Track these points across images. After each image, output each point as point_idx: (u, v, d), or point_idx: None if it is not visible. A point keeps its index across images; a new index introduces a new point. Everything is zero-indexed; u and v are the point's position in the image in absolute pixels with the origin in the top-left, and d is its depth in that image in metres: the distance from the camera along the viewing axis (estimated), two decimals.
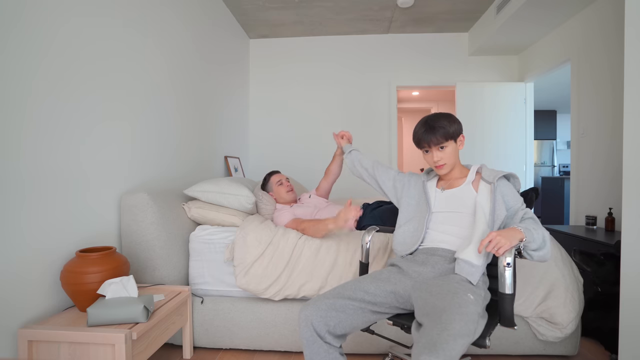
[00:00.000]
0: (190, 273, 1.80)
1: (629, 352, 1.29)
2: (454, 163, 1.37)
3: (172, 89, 2.33)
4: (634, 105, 1.29)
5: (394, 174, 1.57)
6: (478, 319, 1.00)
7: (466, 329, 0.92)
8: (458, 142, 1.36)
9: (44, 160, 1.34)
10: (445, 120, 1.32)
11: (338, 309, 1.11)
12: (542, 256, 1.12)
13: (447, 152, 1.33)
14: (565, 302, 1.55)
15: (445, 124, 1.31)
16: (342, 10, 3.44)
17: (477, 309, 1.01)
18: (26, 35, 1.27)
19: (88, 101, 1.56)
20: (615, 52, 2.60)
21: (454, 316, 0.94)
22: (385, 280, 1.22)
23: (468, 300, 1.01)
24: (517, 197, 1.27)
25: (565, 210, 4.98)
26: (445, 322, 0.93)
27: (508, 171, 1.31)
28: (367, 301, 1.16)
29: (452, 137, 1.33)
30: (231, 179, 2.01)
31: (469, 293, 1.06)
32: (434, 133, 1.31)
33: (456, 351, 0.87)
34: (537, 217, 1.40)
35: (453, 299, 1.01)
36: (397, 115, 4.12)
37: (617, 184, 2.59)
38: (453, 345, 0.88)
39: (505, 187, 1.27)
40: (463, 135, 1.37)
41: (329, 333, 1.09)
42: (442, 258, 1.27)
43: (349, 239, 1.74)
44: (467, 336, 0.91)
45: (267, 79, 4.14)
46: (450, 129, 1.31)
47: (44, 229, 1.34)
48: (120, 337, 1.16)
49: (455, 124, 1.34)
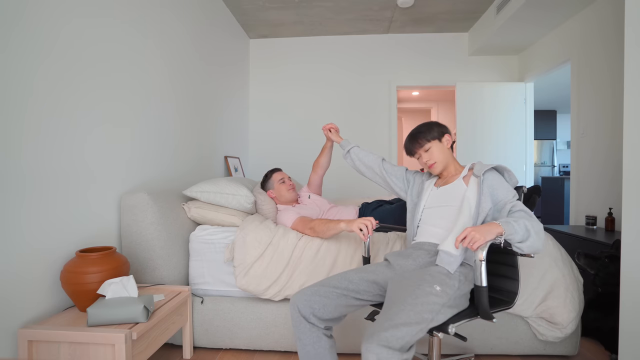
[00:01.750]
0: (190, 273, 1.80)
1: (629, 352, 1.29)
2: (446, 161, 1.45)
3: (172, 89, 2.33)
4: (634, 105, 1.29)
5: (403, 172, 1.64)
6: (440, 309, 1.08)
7: (415, 318, 1.00)
8: (444, 141, 1.45)
9: (44, 160, 1.34)
10: (424, 127, 1.47)
11: (322, 294, 1.22)
12: (531, 246, 1.11)
13: (433, 152, 1.43)
14: (565, 302, 1.55)
15: (424, 129, 1.46)
16: (342, 10, 3.44)
17: (440, 299, 1.09)
18: (27, 35, 1.27)
19: (88, 101, 1.56)
20: (615, 52, 2.60)
21: (404, 307, 1.03)
22: (371, 271, 1.31)
23: (431, 292, 1.09)
24: (507, 190, 1.28)
25: (565, 210, 4.98)
26: (393, 313, 1.01)
27: (498, 164, 1.33)
28: (351, 289, 1.25)
29: (434, 138, 1.44)
30: (230, 179, 2.01)
31: (436, 285, 1.12)
32: (415, 139, 1.46)
33: (396, 337, 0.95)
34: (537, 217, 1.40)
35: (414, 291, 1.09)
36: (397, 115, 4.12)
37: (617, 184, 2.59)
38: (393, 332, 0.95)
39: (495, 180, 1.31)
40: (449, 135, 1.47)
41: (314, 315, 1.19)
42: (425, 252, 1.34)
43: (349, 239, 1.74)
44: (415, 324, 0.99)
45: (267, 79, 4.14)
46: (429, 133, 1.44)
47: (44, 228, 1.34)
48: (120, 337, 1.16)
49: (434, 128, 1.46)
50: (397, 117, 4.12)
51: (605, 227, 2.58)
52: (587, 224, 2.75)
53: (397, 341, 0.94)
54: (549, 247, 1.64)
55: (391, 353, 0.93)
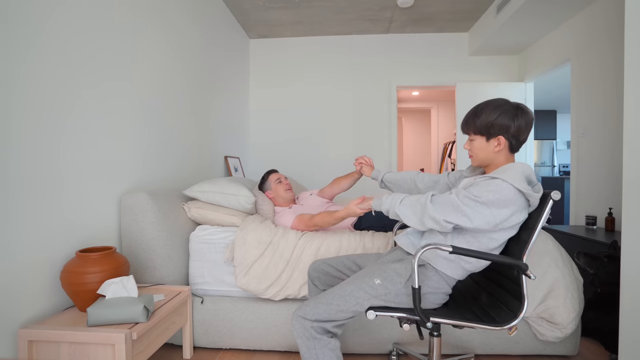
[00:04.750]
0: (190, 273, 1.80)
1: (629, 352, 1.29)
2: (485, 161, 1.26)
3: (172, 88, 2.33)
4: (634, 105, 1.29)
5: (444, 179, 1.51)
6: (370, 298, 1.18)
7: (337, 301, 1.17)
8: (492, 142, 1.22)
9: (45, 159, 1.34)
10: (489, 109, 1.21)
11: (324, 269, 1.50)
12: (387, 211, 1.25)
13: (475, 145, 1.26)
14: (565, 302, 1.55)
15: (473, 117, 1.24)
16: (342, 10, 3.44)
17: (373, 291, 1.19)
18: (27, 35, 1.27)
19: (88, 101, 1.56)
20: (615, 52, 2.60)
21: (337, 290, 1.20)
22: (361, 255, 1.50)
23: (368, 283, 1.20)
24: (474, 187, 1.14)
25: (565, 210, 4.98)
26: (326, 293, 1.21)
27: (499, 177, 1.12)
28: (342, 266, 1.48)
29: (480, 133, 1.23)
30: (230, 179, 2.01)
31: (377, 279, 1.20)
32: (465, 122, 1.29)
33: (313, 311, 1.16)
34: None
35: (355, 280, 1.22)
36: (397, 115, 4.12)
37: (617, 184, 2.59)
38: (312, 307, 1.17)
39: (472, 185, 1.16)
40: (503, 139, 1.20)
41: (317, 279, 1.51)
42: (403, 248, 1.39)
43: (349, 238, 1.74)
44: (334, 305, 1.16)
45: (267, 78, 4.14)
46: (479, 122, 1.22)
47: (44, 228, 1.34)
48: (120, 337, 1.16)
49: (495, 116, 1.19)
50: (397, 117, 4.12)
51: (605, 227, 2.58)
52: (587, 224, 2.75)
53: (313, 315, 1.16)
54: (549, 247, 1.64)
55: (303, 321, 1.15)
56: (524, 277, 1.11)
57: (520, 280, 1.12)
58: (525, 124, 1.21)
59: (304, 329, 1.16)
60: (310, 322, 1.16)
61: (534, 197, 1.11)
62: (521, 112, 1.21)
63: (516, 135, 1.21)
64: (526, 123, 1.21)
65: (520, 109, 1.21)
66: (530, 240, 1.12)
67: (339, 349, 1.19)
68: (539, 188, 1.16)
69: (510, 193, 1.10)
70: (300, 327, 1.16)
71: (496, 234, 1.16)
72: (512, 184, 1.10)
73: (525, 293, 1.11)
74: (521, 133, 1.21)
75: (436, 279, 1.22)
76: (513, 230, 1.18)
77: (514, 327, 1.12)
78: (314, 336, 1.15)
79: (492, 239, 1.17)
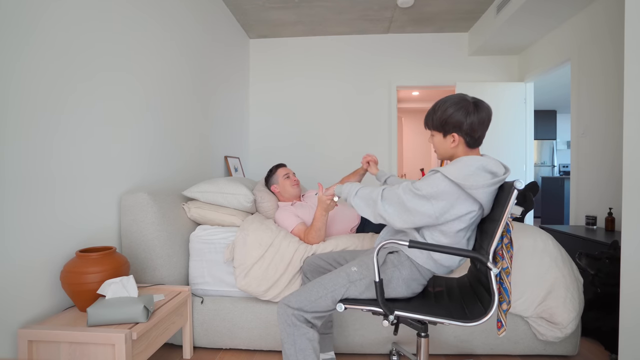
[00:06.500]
0: (190, 273, 1.80)
1: (629, 352, 1.29)
2: (445, 156, 1.29)
3: (172, 89, 2.33)
4: (634, 105, 1.29)
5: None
6: (346, 284, 1.23)
7: (317, 290, 1.22)
8: (448, 138, 1.23)
9: (44, 159, 1.34)
10: (445, 106, 1.22)
11: (316, 263, 1.59)
12: (346, 199, 1.33)
13: (435, 141, 1.29)
14: (565, 302, 1.55)
15: (441, 110, 1.23)
16: (342, 10, 3.44)
17: (350, 277, 1.24)
18: (26, 35, 1.27)
19: (88, 101, 1.56)
20: (615, 52, 2.60)
21: (319, 282, 1.25)
22: (352, 252, 1.55)
23: (346, 271, 1.26)
24: (421, 182, 1.18)
25: (565, 210, 4.98)
26: (309, 285, 1.25)
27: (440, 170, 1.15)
28: (333, 260, 1.54)
29: (437, 129, 1.25)
30: (229, 179, 2.01)
31: (354, 267, 1.26)
32: (426, 117, 1.32)
33: (296, 299, 1.21)
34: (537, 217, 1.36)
35: (335, 270, 1.29)
36: (397, 115, 4.12)
37: (617, 184, 2.59)
38: (297, 294, 1.23)
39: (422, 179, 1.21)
40: (457, 136, 1.21)
41: (309, 272, 1.60)
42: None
43: (349, 241, 1.74)
44: (314, 293, 1.22)
45: (267, 79, 4.14)
46: (435, 118, 1.24)
47: (44, 228, 1.34)
48: (120, 337, 1.16)
49: (449, 114, 1.20)
50: (397, 117, 4.12)
51: (605, 227, 2.58)
52: (587, 224, 2.75)
53: (295, 302, 1.20)
54: (549, 247, 1.64)
55: (285, 308, 1.20)
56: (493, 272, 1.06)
57: (489, 274, 1.07)
58: (479, 121, 1.19)
59: (286, 315, 1.20)
60: (292, 310, 1.20)
61: (469, 187, 1.10)
62: (476, 109, 1.19)
63: (469, 133, 1.20)
64: (479, 120, 1.19)
65: (475, 106, 1.20)
66: (496, 232, 1.07)
67: (317, 341, 1.21)
68: (502, 179, 1.13)
69: (446, 186, 1.12)
70: (283, 314, 1.21)
71: (444, 226, 1.17)
72: (447, 176, 1.12)
73: (495, 289, 1.06)
74: (474, 130, 1.20)
75: (408, 264, 1.24)
76: (462, 222, 1.16)
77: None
78: (295, 323, 1.19)
79: (442, 232, 1.18)
